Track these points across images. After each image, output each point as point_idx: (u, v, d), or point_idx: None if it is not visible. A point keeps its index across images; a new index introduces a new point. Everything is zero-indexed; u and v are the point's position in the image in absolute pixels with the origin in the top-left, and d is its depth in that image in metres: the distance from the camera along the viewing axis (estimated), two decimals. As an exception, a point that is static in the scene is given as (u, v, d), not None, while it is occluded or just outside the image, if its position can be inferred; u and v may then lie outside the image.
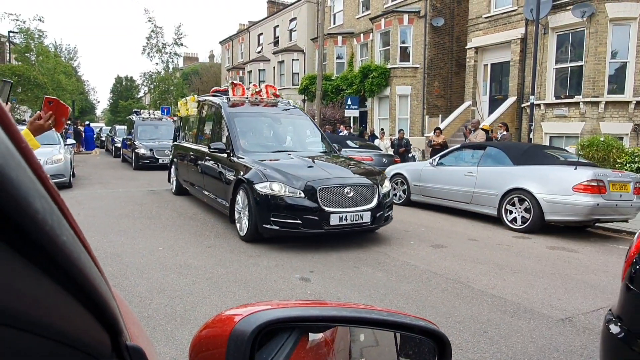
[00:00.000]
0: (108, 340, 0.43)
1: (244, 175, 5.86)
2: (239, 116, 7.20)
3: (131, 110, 44.38)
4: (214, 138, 7.53)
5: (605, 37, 12.88)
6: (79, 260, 0.31)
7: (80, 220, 6.92)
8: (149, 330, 3.22)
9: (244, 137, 6.87)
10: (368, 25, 21.62)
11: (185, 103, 9.32)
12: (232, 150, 6.51)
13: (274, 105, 8.02)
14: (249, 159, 6.15)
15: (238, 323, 0.56)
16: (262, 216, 5.47)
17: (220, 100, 7.58)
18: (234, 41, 38.46)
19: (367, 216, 5.65)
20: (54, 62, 27.94)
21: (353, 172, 6.17)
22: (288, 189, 5.44)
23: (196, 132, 8.77)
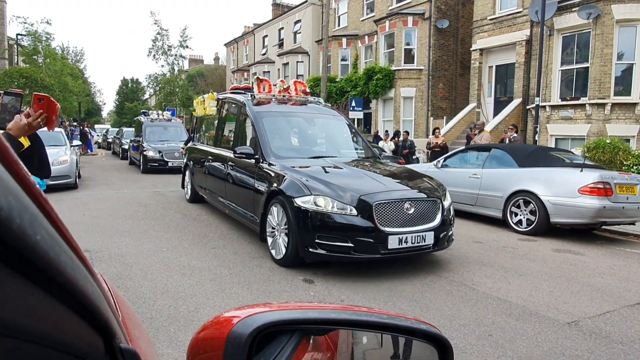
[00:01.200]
0: (101, 343, 0.42)
1: (279, 186, 4.96)
2: (268, 116, 6.29)
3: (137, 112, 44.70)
4: (237, 141, 6.69)
5: (612, 38, 12.80)
6: (56, 260, 0.30)
7: (85, 221, 6.95)
8: (152, 332, 3.22)
9: (275, 140, 5.98)
10: (372, 27, 21.60)
11: (202, 101, 8.55)
12: (262, 155, 5.64)
13: (303, 103, 7.15)
14: (284, 167, 5.27)
15: (235, 325, 0.55)
16: (304, 238, 4.58)
17: (244, 98, 6.72)
18: (238, 43, 38.55)
19: (429, 237, 4.76)
20: (61, 64, 28.15)
21: (410, 183, 5.26)
22: (337, 205, 4.54)
23: (215, 133, 7.89)
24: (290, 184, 4.89)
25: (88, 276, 0.37)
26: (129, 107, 48.68)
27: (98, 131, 36.36)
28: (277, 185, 5.04)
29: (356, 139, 7.07)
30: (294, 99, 7.21)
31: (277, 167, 5.32)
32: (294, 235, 4.66)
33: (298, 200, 4.66)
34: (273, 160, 5.50)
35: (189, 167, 8.91)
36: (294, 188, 4.81)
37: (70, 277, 0.32)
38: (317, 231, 4.52)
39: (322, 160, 5.73)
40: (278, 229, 5.00)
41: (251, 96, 6.82)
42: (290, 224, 4.71)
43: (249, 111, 6.33)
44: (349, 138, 7.07)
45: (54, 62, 26.76)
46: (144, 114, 17.88)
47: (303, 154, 6.01)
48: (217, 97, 8.08)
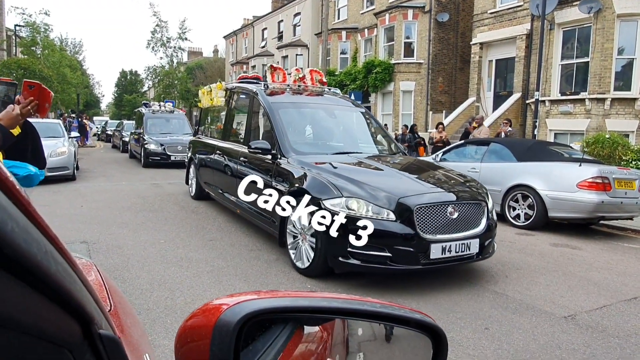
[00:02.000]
0: (78, 328, 0.41)
1: (303, 186, 4.47)
2: (285, 107, 5.76)
3: (136, 104, 44.55)
4: (249, 134, 6.19)
5: (612, 33, 12.75)
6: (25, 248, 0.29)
7: (83, 212, 6.93)
8: (149, 323, 3.22)
9: (293, 134, 5.49)
10: (372, 21, 21.49)
11: (209, 92, 7.92)
12: (280, 150, 5.13)
13: (320, 94, 6.61)
14: (306, 163, 4.78)
15: (223, 313, 0.54)
16: (334, 245, 4.04)
17: (256, 88, 6.19)
18: (238, 36, 38.37)
19: (474, 245, 4.24)
20: (59, 56, 27.98)
21: (450, 183, 4.73)
22: (372, 208, 4.00)
23: (224, 126, 7.33)
24: (317, 184, 4.37)
25: (62, 262, 0.35)
26: (127, 100, 48.52)
27: (97, 123, 36.23)
28: (300, 184, 4.55)
29: (378, 132, 6.54)
30: (310, 89, 6.66)
31: (298, 164, 4.82)
32: (322, 243, 4.11)
33: (327, 203, 4.11)
34: (293, 156, 4.99)
35: (194, 162, 8.29)
36: (321, 188, 4.28)
37: (40, 263, 0.31)
38: (350, 238, 3.96)
39: (346, 157, 5.19)
40: (302, 235, 4.46)
41: (264, 86, 6.29)
42: (317, 230, 4.17)
43: (263, 102, 5.80)
44: (371, 131, 6.53)
45: (52, 54, 26.60)
46: (145, 105, 17.23)
47: (324, 149, 5.53)
48: (226, 87, 7.54)
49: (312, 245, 4.28)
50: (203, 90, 8.34)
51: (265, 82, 6.45)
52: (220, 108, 7.72)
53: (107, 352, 0.46)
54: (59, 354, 0.39)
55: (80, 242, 5.31)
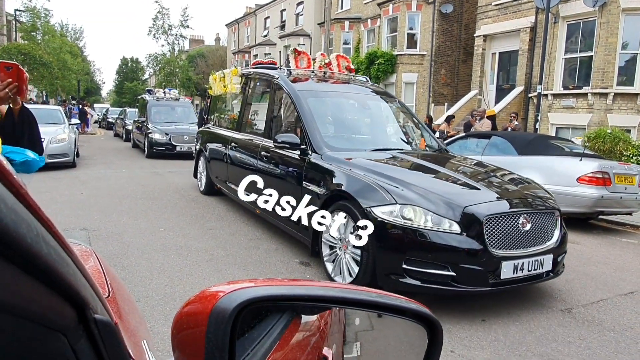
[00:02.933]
0: (72, 312, 0.41)
1: (344, 189, 3.89)
2: (313, 96, 5.15)
3: (137, 92, 44.37)
4: (269, 125, 5.51)
5: (617, 27, 12.65)
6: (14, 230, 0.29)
7: (83, 199, 6.95)
8: (148, 310, 3.23)
9: (325, 127, 4.91)
10: (376, 11, 21.34)
11: (222, 77, 7.29)
12: (311, 145, 4.51)
13: (347, 82, 6.03)
14: (344, 162, 4.18)
15: (219, 300, 0.54)
16: (387, 262, 3.51)
17: (279, 74, 5.61)
18: (240, 24, 38.13)
19: (547, 261, 3.67)
20: (60, 42, 27.87)
21: (518, 187, 4.10)
22: (432, 218, 3.41)
23: (239, 116, 6.59)
24: (362, 187, 3.78)
25: (55, 245, 0.35)
26: (128, 87, 48.39)
27: (97, 110, 36.13)
28: (339, 186, 3.96)
29: (416, 126, 5.86)
30: (336, 77, 6.08)
31: (334, 162, 4.22)
32: (370, 257, 3.54)
33: (377, 211, 3.52)
34: (326, 152, 4.39)
35: (203, 154, 7.58)
36: (369, 192, 3.69)
37: (30, 245, 0.31)
38: (406, 253, 3.41)
39: (387, 154, 4.60)
40: (342, 245, 3.90)
41: (287, 71, 5.73)
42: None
43: (287, 90, 5.19)
44: (409, 125, 5.87)
45: (52, 39, 26.49)
46: (149, 92, 16.31)
47: (361, 145, 4.90)
48: (242, 73, 6.85)
49: (356, 257, 3.70)
50: (215, 75, 7.76)
51: (287, 68, 5.88)
52: (235, 96, 7.07)
53: (102, 337, 0.46)
54: (54, 338, 0.39)
55: (80, 229, 5.32)
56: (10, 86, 2.10)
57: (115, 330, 0.48)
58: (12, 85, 2.11)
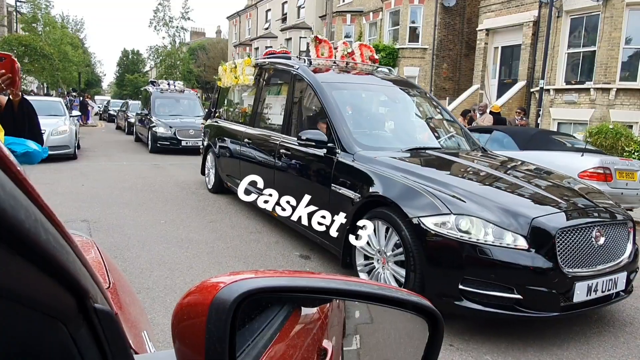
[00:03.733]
0: (72, 301, 0.41)
1: (384, 194, 3.45)
2: (338, 89, 4.70)
3: (138, 84, 44.23)
4: (288, 120, 5.09)
5: (621, 22, 12.57)
6: (13, 216, 0.29)
7: (84, 191, 6.95)
8: (148, 301, 3.25)
9: (354, 123, 4.42)
10: (378, 4, 21.21)
11: (233, 68, 6.76)
12: (339, 143, 4.06)
13: (371, 74, 5.57)
14: (380, 162, 3.72)
15: (220, 291, 0.54)
16: (439, 281, 3.07)
17: (299, 64, 5.19)
18: (241, 17, 37.96)
19: (621, 280, 3.20)
20: (61, 33, 27.78)
21: (583, 194, 3.58)
22: (493, 231, 2.91)
23: (253, 109, 6.09)
24: (407, 193, 3.32)
25: (54, 233, 0.35)
26: (129, 79, 48.25)
27: (98, 102, 36.06)
28: (377, 191, 3.52)
29: (450, 122, 5.35)
30: (359, 67, 5.66)
31: (369, 163, 3.76)
32: (419, 275, 3.08)
33: (428, 222, 3.04)
34: (358, 152, 3.91)
35: (212, 150, 7.11)
36: (416, 199, 3.23)
37: (29, 231, 0.30)
38: (463, 272, 2.92)
39: (427, 154, 4.17)
40: (381, 257, 3.45)
41: (307, 61, 5.32)
42: (411, 255, 3.10)
43: (310, 81, 4.73)
44: (442, 121, 5.32)
45: (53, 31, 26.41)
46: (153, 84, 15.53)
47: (396, 143, 4.37)
48: (256, 63, 6.39)
49: (397, 275, 3.26)
50: (224, 66, 7.25)
51: (308, 57, 5.45)
52: (247, 88, 6.60)
53: (102, 327, 0.46)
54: (53, 327, 0.39)
55: (81, 220, 5.33)
56: (3, 77, 2.05)
57: (115, 320, 0.48)
58: (5, 77, 2.06)
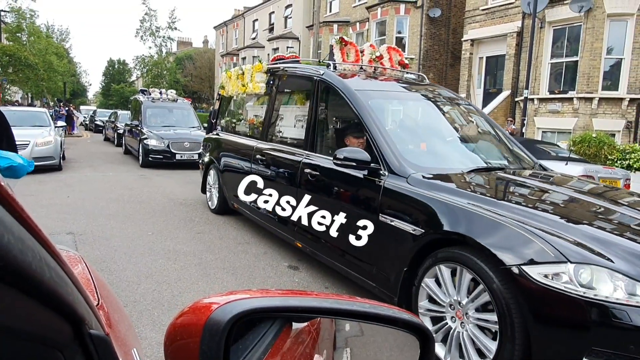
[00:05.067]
0: (69, 329, 0.41)
1: (465, 232, 2.63)
2: (375, 98, 3.99)
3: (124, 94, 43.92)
4: (313, 135, 4.34)
5: (602, 32, 12.89)
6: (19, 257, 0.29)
7: (69, 203, 6.86)
8: (136, 315, 3.20)
9: (400, 139, 3.77)
10: (364, 14, 21.45)
11: (240, 75, 6.04)
12: (385, 164, 3.34)
13: (399, 79, 4.94)
14: (446, 188, 3.00)
15: (214, 312, 0.54)
16: (553, 350, 2.27)
17: (324, 69, 4.49)
18: (228, 27, 38.05)
19: None
20: (46, 43, 27.55)
21: None
22: (625, 286, 2.20)
23: (265, 121, 5.37)
24: (496, 230, 2.52)
25: (55, 266, 0.35)
26: (115, 89, 47.92)
27: (84, 112, 35.67)
28: (454, 228, 2.69)
29: (500, 135, 4.56)
30: (388, 73, 5.08)
31: (434, 188, 3.00)
32: (519, 344, 2.32)
33: (534, 271, 2.28)
34: (413, 174, 3.18)
35: (215, 167, 6.40)
36: (512, 240, 2.43)
37: (35, 271, 0.31)
38: (588, 341, 2.18)
39: (502, 177, 3.47)
40: (455, 310, 2.66)
41: (332, 66, 4.62)
42: (507, 317, 2.34)
43: (340, 89, 4.03)
44: (494, 134, 4.53)
45: (38, 41, 26.17)
46: (143, 93, 14.59)
47: (453, 163, 3.66)
48: (269, 68, 5.59)
49: (484, 344, 2.47)
50: (229, 73, 6.52)
51: (333, 61, 4.78)
52: (257, 97, 5.94)
53: (97, 352, 0.46)
54: (50, 356, 0.39)
55: (67, 233, 5.25)
56: None
57: (109, 344, 0.48)
58: None
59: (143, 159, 11.82)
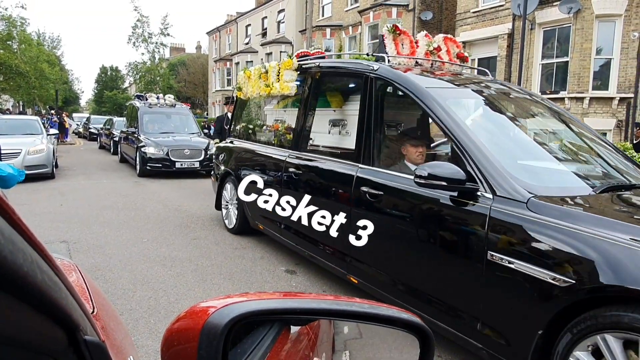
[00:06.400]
0: (63, 335, 0.40)
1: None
2: (452, 97, 3.29)
3: (117, 101, 43.72)
4: (367, 144, 3.52)
5: (591, 33, 13.01)
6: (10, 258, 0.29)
7: (63, 211, 6.81)
8: (132, 323, 3.18)
9: (498, 149, 2.80)
10: (357, 18, 21.53)
11: (263, 74, 5.20)
12: (485, 183, 2.54)
13: (458, 74, 4.19)
14: (596, 220, 2.11)
15: (211, 316, 0.54)
16: None
17: (377, 64, 3.69)
18: (221, 32, 38.06)
19: None
20: (37, 51, 27.41)
21: None
22: None
23: (297, 128, 4.55)
24: None
25: (48, 270, 0.35)
26: (108, 96, 47.77)
27: (77, 120, 35.45)
28: (611, 274, 1.93)
29: (598, 141, 3.59)
30: (446, 68, 4.34)
31: (569, 218, 2.18)
32: None
33: None
34: (533, 198, 2.33)
35: (233, 181, 5.65)
36: None
37: (26, 274, 0.30)
38: None
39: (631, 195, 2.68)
40: None
41: (386, 60, 3.89)
42: None
43: (406, 88, 3.28)
44: (595, 140, 3.58)
45: (29, 48, 26.03)
46: (139, 98, 13.90)
47: (573, 181, 2.80)
48: (300, 64, 4.77)
49: None
50: (248, 72, 5.65)
51: (385, 54, 4.02)
52: (283, 99, 5.17)
53: (92, 358, 0.45)
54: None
55: (60, 241, 5.21)
56: None
57: (105, 351, 0.47)
58: None
59: (141, 168, 11.14)
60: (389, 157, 3.69)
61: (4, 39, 25.31)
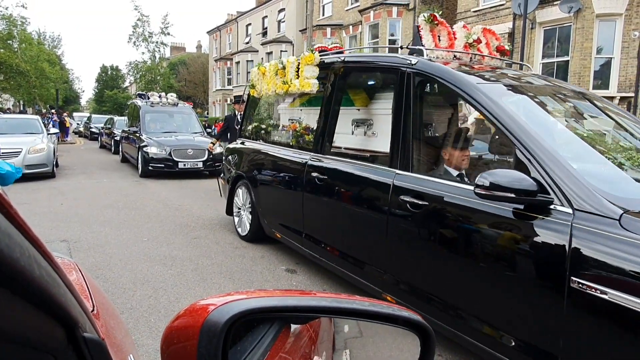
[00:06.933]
0: (62, 332, 0.40)
1: None
2: (508, 95, 2.91)
3: (117, 100, 43.69)
4: (405, 148, 3.13)
5: (592, 32, 13.00)
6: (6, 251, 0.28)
7: (63, 210, 6.81)
8: (132, 322, 3.18)
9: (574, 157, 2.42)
10: (357, 17, 21.51)
11: (281, 70, 4.79)
12: (563, 196, 2.12)
13: (498, 68, 3.74)
14: None
15: (211, 313, 0.53)
16: None
17: (415, 58, 3.28)
18: (221, 31, 38.05)
19: None
20: (37, 50, 27.40)
21: None
22: None
23: (320, 129, 4.14)
24: None
25: (46, 266, 0.34)
26: (108, 95, 47.75)
27: (77, 119, 35.42)
28: None
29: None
30: (486, 62, 3.98)
31: None
32: None
33: None
34: (627, 215, 1.92)
35: (245, 184, 5.28)
36: None
37: (24, 268, 0.30)
38: None
39: None
40: None
41: (424, 54, 3.50)
42: None
43: (454, 84, 2.90)
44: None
45: (29, 48, 26.02)
46: (141, 97, 13.66)
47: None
48: (322, 59, 4.35)
49: None
50: (263, 68, 5.26)
51: (422, 46, 3.67)
52: (302, 97, 4.74)
53: (92, 356, 0.45)
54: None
55: (61, 240, 5.21)
56: None
57: (104, 348, 0.47)
58: None
59: (143, 168, 10.92)
60: (427, 161, 3.31)
61: (5, 38, 25.30)
